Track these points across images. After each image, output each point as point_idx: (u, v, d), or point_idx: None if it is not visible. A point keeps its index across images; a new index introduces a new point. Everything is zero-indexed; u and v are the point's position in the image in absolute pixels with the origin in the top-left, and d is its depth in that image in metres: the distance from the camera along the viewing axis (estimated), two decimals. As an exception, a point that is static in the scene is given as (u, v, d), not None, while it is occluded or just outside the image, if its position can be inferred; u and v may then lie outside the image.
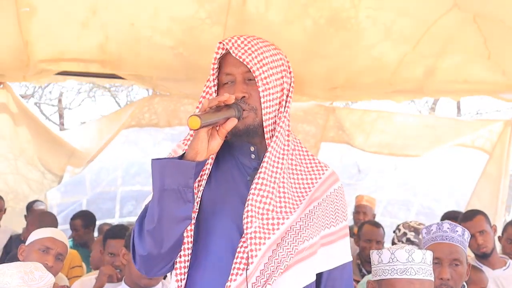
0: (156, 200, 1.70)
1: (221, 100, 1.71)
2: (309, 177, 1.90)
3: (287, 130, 1.86)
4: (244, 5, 4.86)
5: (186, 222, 1.73)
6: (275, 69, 1.84)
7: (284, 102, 1.86)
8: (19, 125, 5.69)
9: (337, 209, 1.92)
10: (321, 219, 1.86)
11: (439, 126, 6.76)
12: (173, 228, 1.72)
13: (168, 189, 1.67)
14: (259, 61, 1.81)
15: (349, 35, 5.13)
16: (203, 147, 1.70)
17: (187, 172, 1.67)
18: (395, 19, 5.03)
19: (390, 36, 5.18)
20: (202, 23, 5.01)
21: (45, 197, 6.04)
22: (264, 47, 1.85)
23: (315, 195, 1.87)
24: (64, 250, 3.12)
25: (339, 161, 8.29)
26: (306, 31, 5.13)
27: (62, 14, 4.83)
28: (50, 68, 5.24)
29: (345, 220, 1.95)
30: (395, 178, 8.85)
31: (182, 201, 1.69)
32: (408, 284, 2.14)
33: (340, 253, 1.90)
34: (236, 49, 1.81)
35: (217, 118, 1.69)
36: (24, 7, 4.64)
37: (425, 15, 5.01)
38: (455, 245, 2.57)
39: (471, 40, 5.04)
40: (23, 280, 2.13)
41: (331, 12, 4.96)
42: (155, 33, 5.07)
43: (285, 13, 5.01)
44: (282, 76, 1.86)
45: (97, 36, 5.00)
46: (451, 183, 8.48)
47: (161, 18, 4.97)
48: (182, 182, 1.67)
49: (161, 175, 1.68)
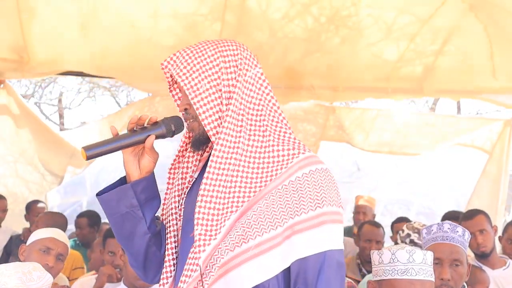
0: (113, 227, 1.91)
1: (131, 124, 1.82)
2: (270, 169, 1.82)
3: (239, 126, 1.81)
4: (245, 2, 4.87)
5: (146, 237, 1.88)
6: (206, 73, 1.82)
7: (226, 101, 1.82)
8: (20, 126, 5.70)
9: (309, 195, 1.77)
10: (283, 208, 1.76)
11: (439, 124, 6.75)
12: (137, 243, 1.89)
13: (119, 215, 1.86)
14: (188, 70, 1.82)
15: (350, 33, 5.14)
16: (132, 169, 1.86)
17: (127, 195, 1.84)
18: (395, 17, 5.04)
19: (391, 34, 5.19)
20: (204, 19, 5.02)
21: (46, 197, 6.04)
22: (196, 53, 1.84)
23: (272, 186, 1.80)
24: (64, 250, 3.12)
25: (339, 160, 8.30)
26: (307, 29, 5.14)
27: (61, 17, 4.84)
28: (50, 69, 5.25)
29: (328, 206, 1.79)
30: (395, 177, 8.85)
31: (135, 220, 1.86)
32: (409, 285, 2.14)
33: (312, 242, 1.75)
34: (167, 67, 1.87)
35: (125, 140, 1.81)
36: (24, 9, 4.65)
37: (426, 12, 5.01)
38: (456, 246, 2.57)
39: (471, 34, 5.04)
40: (21, 280, 2.12)
41: (332, 10, 4.97)
42: (155, 34, 5.07)
43: (286, 11, 5.02)
44: (217, 78, 1.83)
45: (96, 39, 5.01)
46: (451, 182, 8.49)
47: (161, 17, 4.98)
48: (128, 204, 1.84)
49: (108, 207, 1.87)
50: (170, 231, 1.92)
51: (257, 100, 1.87)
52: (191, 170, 1.92)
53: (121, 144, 1.80)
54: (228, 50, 1.85)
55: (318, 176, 1.81)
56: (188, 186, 1.93)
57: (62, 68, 5.31)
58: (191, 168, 1.93)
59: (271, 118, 1.87)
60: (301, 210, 1.76)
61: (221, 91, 1.82)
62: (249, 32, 5.19)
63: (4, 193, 5.63)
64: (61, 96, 15.20)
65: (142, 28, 5.01)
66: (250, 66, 1.88)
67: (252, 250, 1.74)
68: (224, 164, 1.78)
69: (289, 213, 1.76)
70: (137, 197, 1.84)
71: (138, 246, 1.90)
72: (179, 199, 1.93)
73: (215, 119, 1.81)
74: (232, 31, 5.15)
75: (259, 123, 1.85)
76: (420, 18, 5.07)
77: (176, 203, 1.93)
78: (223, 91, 1.82)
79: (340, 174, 8.54)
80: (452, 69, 5.52)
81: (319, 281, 1.74)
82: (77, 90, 14.89)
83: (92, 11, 4.83)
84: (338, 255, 1.79)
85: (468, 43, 5.20)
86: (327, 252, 1.76)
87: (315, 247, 1.75)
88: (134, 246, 1.90)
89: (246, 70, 1.86)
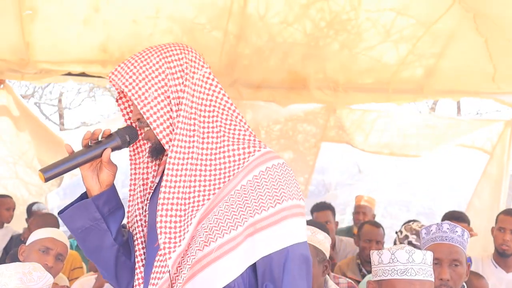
0: (79, 242, 1.92)
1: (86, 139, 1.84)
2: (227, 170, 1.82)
3: (192, 131, 1.80)
4: (245, 8, 4.87)
5: (113, 248, 1.90)
6: (152, 81, 1.81)
7: (176, 107, 1.81)
8: (20, 127, 5.70)
9: (267, 192, 1.79)
10: (242, 208, 1.77)
11: (440, 125, 6.75)
12: (105, 255, 1.92)
13: (83, 230, 1.87)
14: (134, 80, 1.81)
15: (349, 37, 5.14)
16: (91, 184, 1.87)
17: (89, 210, 1.85)
18: (394, 20, 5.04)
19: (390, 37, 5.19)
20: (202, 27, 5.03)
21: (46, 199, 6.04)
22: (140, 62, 1.83)
23: (230, 186, 1.80)
24: (64, 250, 3.12)
25: (340, 161, 8.28)
26: (306, 33, 5.15)
27: (63, 12, 4.84)
28: (51, 69, 5.25)
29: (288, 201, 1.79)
30: (396, 178, 8.83)
31: (100, 233, 1.87)
32: (409, 285, 2.14)
33: (275, 239, 1.77)
34: (113, 80, 1.85)
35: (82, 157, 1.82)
36: (26, 7, 4.65)
37: (424, 16, 5.02)
38: (455, 246, 2.57)
39: (471, 41, 5.04)
40: (21, 281, 2.12)
41: (331, 15, 4.97)
42: (156, 31, 5.08)
43: (285, 16, 5.03)
44: (164, 85, 1.81)
45: (98, 35, 5.01)
46: (451, 183, 8.47)
47: (162, 17, 4.99)
48: (91, 218, 1.86)
49: (71, 223, 1.88)
50: (137, 238, 1.93)
51: (208, 101, 1.85)
52: (152, 176, 1.93)
53: (78, 162, 1.82)
54: (173, 55, 1.84)
55: (275, 172, 1.82)
56: (150, 192, 1.94)
57: (62, 67, 5.31)
58: (151, 174, 1.94)
59: (224, 118, 1.86)
60: (261, 208, 1.78)
61: (170, 98, 1.81)
62: (248, 37, 5.21)
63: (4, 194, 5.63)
64: (61, 96, 15.20)
65: (143, 24, 5.02)
66: (197, 68, 1.86)
67: (214, 253, 1.74)
68: (181, 170, 1.77)
69: (249, 212, 1.77)
70: (100, 210, 1.86)
71: (107, 258, 1.92)
72: (142, 205, 1.94)
73: (167, 126, 1.80)
74: (231, 36, 5.17)
75: (212, 124, 1.84)
76: (420, 21, 5.07)
77: (140, 210, 1.94)
78: (172, 97, 1.81)
79: (341, 176, 8.53)
80: (452, 73, 5.52)
81: (285, 276, 1.76)
82: (77, 90, 14.90)
83: (93, 8, 4.83)
84: (301, 248, 1.81)
85: (468, 47, 5.19)
86: (289, 248, 1.78)
87: (277, 243, 1.77)
88: (102, 258, 1.93)
89: (193, 73, 1.85)
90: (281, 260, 1.77)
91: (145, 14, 4.98)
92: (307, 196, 7.09)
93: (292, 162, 6.70)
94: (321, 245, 2.83)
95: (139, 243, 1.92)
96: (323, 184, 9.05)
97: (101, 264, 1.95)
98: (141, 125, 1.86)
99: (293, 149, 6.70)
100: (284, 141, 6.66)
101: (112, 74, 1.85)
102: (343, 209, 7.71)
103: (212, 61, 5.83)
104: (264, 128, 6.60)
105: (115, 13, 4.91)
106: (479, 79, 5.53)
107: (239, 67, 5.49)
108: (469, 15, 4.83)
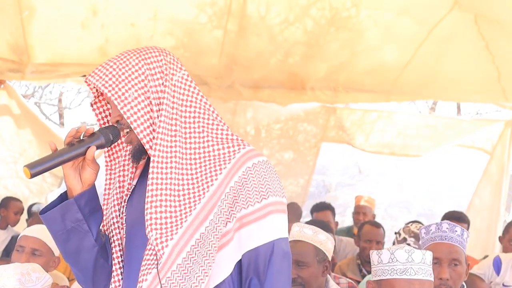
0: (59, 244, 1.87)
1: (69, 137, 1.79)
2: (214, 167, 1.84)
3: (173, 131, 1.82)
4: (245, 8, 4.87)
5: (94, 250, 1.87)
6: (132, 81, 1.81)
7: (156, 107, 1.82)
8: (21, 126, 5.71)
9: (254, 188, 1.83)
10: (232, 206, 1.81)
11: (440, 126, 6.76)
12: (84, 258, 1.87)
13: (64, 232, 1.82)
14: (114, 81, 1.80)
15: (350, 35, 5.13)
16: (73, 183, 1.82)
17: (71, 210, 1.81)
18: (395, 19, 5.03)
19: (391, 36, 5.18)
20: (202, 27, 5.02)
21: (46, 199, 6.04)
22: (120, 64, 1.83)
23: (222, 186, 1.82)
24: (38, 244, 3.01)
25: (340, 161, 8.29)
26: (306, 31, 5.14)
27: (62, 15, 4.83)
28: (50, 73, 5.26)
29: (273, 197, 1.84)
30: (396, 178, 8.85)
31: (81, 234, 1.83)
32: (408, 284, 2.14)
33: (260, 233, 1.81)
34: (91, 80, 1.83)
35: (66, 155, 1.78)
36: (24, 9, 4.65)
37: (425, 15, 5.01)
38: (454, 245, 2.57)
39: (473, 43, 5.04)
40: (20, 282, 2.12)
41: (332, 12, 4.96)
42: (156, 34, 5.07)
43: (286, 14, 5.02)
44: (144, 86, 1.82)
45: (97, 38, 5.01)
46: (451, 183, 8.48)
47: (161, 20, 4.98)
48: (73, 219, 1.81)
49: (53, 224, 1.83)
50: (114, 240, 1.93)
51: (189, 102, 1.87)
52: (128, 178, 1.92)
53: (63, 159, 1.79)
54: (152, 57, 1.85)
55: (260, 169, 1.85)
56: (128, 194, 1.93)
57: (62, 70, 5.31)
58: (128, 176, 1.92)
59: (206, 117, 1.88)
60: (247, 203, 1.81)
61: (150, 98, 1.81)
62: (248, 37, 5.20)
63: (5, 194, 5.64)
64: (61, 96, 15.19)
65: (142, 27, 5.01)
66: (175, 70, 1.88)
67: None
68: (166, 168, 1.78)
69: (237, 208, 1.81)
70: (81, 210, 1.82)
71: (86, 261, 1.89)
72: (119, 207, 1.93)
73: (148, 126, 1.80)
74: (232, 37, 5.16)
75: (194, 124, 1.86)
76: (420, 21, 5.06)
77: (116, 212, 1.93)
78: (152, 97, 1.81)
79: (341, 176, 8.54)
80: (451, 73, 5.52)
81: (269, 270, 1.80)
82: (77, 90, 14.87)
83: (92, 10, 4.82)
84: (284, 243, 1.85)
85: (469, 49, 5.19)
86: (275, 241, 1.82)
87: (264, 237, 1.81)
88: (81, 261, 1.89)
89: (172, 75, 1.86)
90: (267, 254, 1.80)
91: (143, 17, 4.97)
92: (307, 197, 7.09)
93: (292, 162, 6.70)
94: (322, 245, 2.83)
95: (116, 245, 1.92)
96: (323, 185, 9.05)
97: (79, 267, 1.92)
98: (120, 127, 1.85)
99: (293, 149, 6.71)
100: (284, 141, 6.67)
101: (90, 77, 1.84)
102: (343, 211, 7.72)
103: (212, 61, 5.85)
104: (265, 127, 6.60)
105: (114, 16, 4.90)
106: (480, 81, 5.53)
107: (239, 67, 5.49)
108: (470, 16, 4.82)
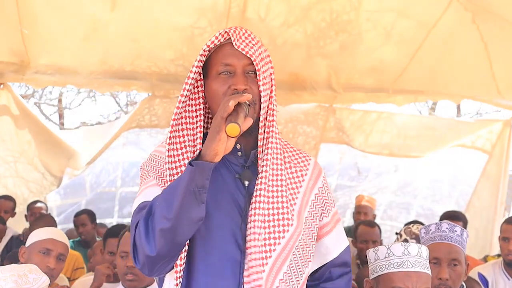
0: (178, 202, 1.65)
1: (242, 100, 1.67)
2: (298, 170, 1.89)
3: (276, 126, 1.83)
4: (245, 11, 4.88)
5: (198, 223, 1.70)
6: (267, 65, 1.82)
7: (271, 98, 1.82)
8: (20, 126, 5.71)
9: (329, 198, 1.94)
10: (316, 213, 1.89)
11: (440, 127, 6.76)
12: (188, 229, 1.70)
13: (186, 191, 1.65)
14: (259, 54, 1.78)
15: (350, 37, 5.14)
16: (222, 149, 1.66)
17: (205, 174, 1.65)
18: (395, 21, 5.04)
19: (390, 38, 5.19)
20: (203, 31, 5.03)
21: (45, 199, 6.04)
22: (258, 42, 1.82)
23: (308, 188, 1.88)
24: (65, 250, 3.12)
25: (340, 162, 8.27)
26: (306, 34, 5.14)
27: (63, 29, 4.85)
28: (50, 77, 5.28)
29: (334, 207, 1.96)
30: (395, 179, 8.83)
31: (197, 203, 1.66)
32: (405, 277, 2.14)
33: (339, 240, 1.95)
34: (239, 41, 1.77)
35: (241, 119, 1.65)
36: (26, 20, 4.65)
37: (425, 16, 5.02)
38: (454, 245, 2.57)
39: (472, 43, 5.04)
40: (16, 283, 2.12)
41: (332, 15, 4.96)
42: (156, 47, 5.10)
43: (285, 17, 5.02)
44: (271, 73, 1.84)
45: (98, 52, 5.03)
46: (451, 183, 8.47)
47: (161, 31, 4.99)
48: (200, 184, 1.65)
49: (189, 177, 1.65)
50: None
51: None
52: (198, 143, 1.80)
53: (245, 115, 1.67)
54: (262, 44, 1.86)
55: (326, 179, 1.96)
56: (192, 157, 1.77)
57: (62, 73, 5.32)
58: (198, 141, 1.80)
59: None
60: (327, 212, 1.92)
61: (272, 87, 1.83)
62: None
63: (5, 193, 5.64)
64: (61, 96, 15.18)
65: (142, 40, 5.03)
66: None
67: None
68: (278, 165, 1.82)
69: (317, 218, 1.89)
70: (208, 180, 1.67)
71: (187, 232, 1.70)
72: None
73: (265, 112, 1.82)
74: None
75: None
76: (420, 22, 5.07)
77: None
78: (273, 86, 1.84)
79: (341, 178, 8.52)
80: (452, 74, 5.52)
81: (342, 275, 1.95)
82: (77, 90, 14.86)
83: (92, 25, 4.84)
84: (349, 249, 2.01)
85: (468, 48, 5.20)
86: (346, 248, 1.97)
87: (341, 244, 1.95)
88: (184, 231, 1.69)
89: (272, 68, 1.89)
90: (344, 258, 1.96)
91: (144, 32, 4.99)
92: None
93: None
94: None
95: None
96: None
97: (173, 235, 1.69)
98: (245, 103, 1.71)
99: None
100: (284, 143, 6.65)
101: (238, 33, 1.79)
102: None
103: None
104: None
105: (114, 33, 4.92)
106: (479, 80, 5.53)
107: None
108: (468, 15, 4.83)
